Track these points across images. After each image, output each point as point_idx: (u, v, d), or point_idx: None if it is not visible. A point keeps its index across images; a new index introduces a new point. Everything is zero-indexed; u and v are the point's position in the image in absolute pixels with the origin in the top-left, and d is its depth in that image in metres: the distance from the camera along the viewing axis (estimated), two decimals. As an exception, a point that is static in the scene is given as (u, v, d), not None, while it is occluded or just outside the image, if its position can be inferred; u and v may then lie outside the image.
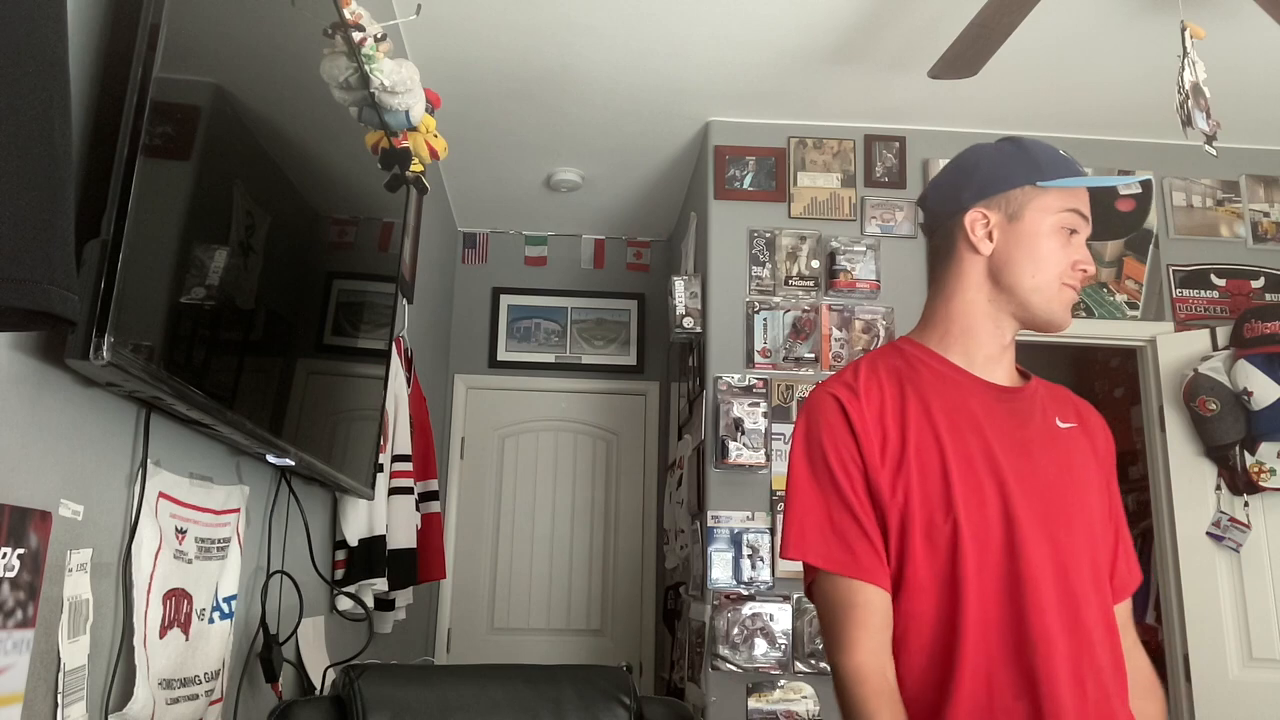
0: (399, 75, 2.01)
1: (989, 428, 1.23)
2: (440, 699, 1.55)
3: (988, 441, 1.21)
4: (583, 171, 4.03)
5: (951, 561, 1.16)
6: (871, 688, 1.12)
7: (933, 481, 1.18)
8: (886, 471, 1.19)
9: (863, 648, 1.14)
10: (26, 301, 0.75)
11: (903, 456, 1.19)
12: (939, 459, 1.19)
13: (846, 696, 1.14)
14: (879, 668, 1.14)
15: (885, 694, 1.13)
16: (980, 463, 1.20)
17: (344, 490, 2.21)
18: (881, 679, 1.13)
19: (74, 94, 0.88)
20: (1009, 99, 3.32)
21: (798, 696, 2.99)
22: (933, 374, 1.27)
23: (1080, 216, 1.28)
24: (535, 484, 4.52)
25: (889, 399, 1.23)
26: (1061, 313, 1.28)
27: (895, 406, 1.22)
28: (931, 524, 1.17)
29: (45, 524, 1.01)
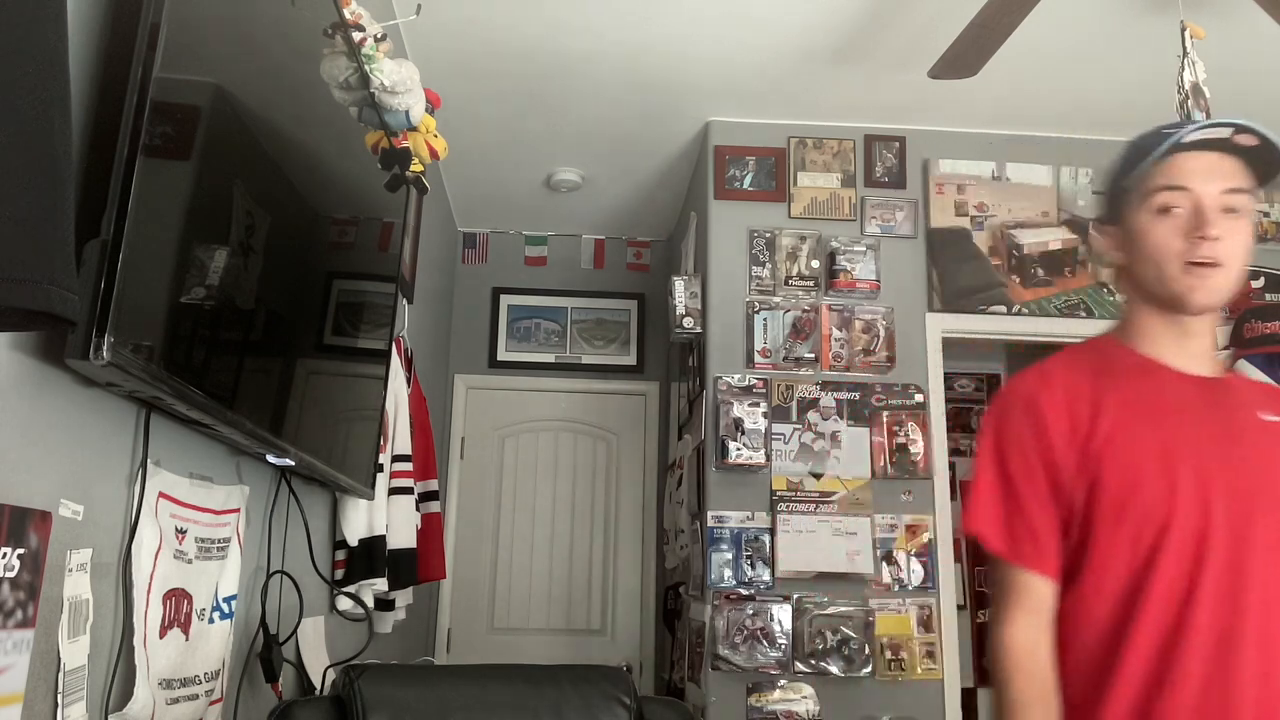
0: (399, 75, 2.01)
1: (1186, 418, 1.22)
2: (440, 699, 1.55)
3: (1184, 431, 1.21)
4: (583, 171, 4.03)
5: (1139, 547, 1.16)
6: (1015, 661, 1.20)
7: (1124, 469, 1.20)
8: (1073, 460, 1.21)
9: (1016, 625, 1.22)
10: (26, 301, 0.75)
11: (1092, 445, 1.21)
12: (1132, 448, 1.20)
13: (996, 667, 1.22)
14: (1029, 645, 1.21)
15: (1030, 670, 1.20)
16: (1175, 452, 1.19)
17: (344, 490, 2.21)
18: (1029, 656, 1.20)
19: (74, 94, 0.88)
20: (1009, 99, 3.32)
21: (798, 696, 2.99)
22: (1128, 367, 1.28)
23: (1173, 190, 1.22)
24: (535, 484, 4.52)
25: (1083, 390, 1.25)
26: (1193, 295, 1.23)
27: (1089, 397, 1.24)
28: (1121, 510, 1.18)
29: (45, 524, 1.01)
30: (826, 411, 3.25)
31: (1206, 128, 1.22)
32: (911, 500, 3.20)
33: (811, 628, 3.03)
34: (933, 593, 3.13)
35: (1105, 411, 1.22)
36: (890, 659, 3.05)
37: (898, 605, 3.10)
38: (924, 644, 3.08)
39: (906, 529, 3.16)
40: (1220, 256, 1.21)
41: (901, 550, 3.14)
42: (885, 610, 3.08)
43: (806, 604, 3.05)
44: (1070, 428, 1.22)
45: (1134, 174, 1.26)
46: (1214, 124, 1.22)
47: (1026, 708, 1.19)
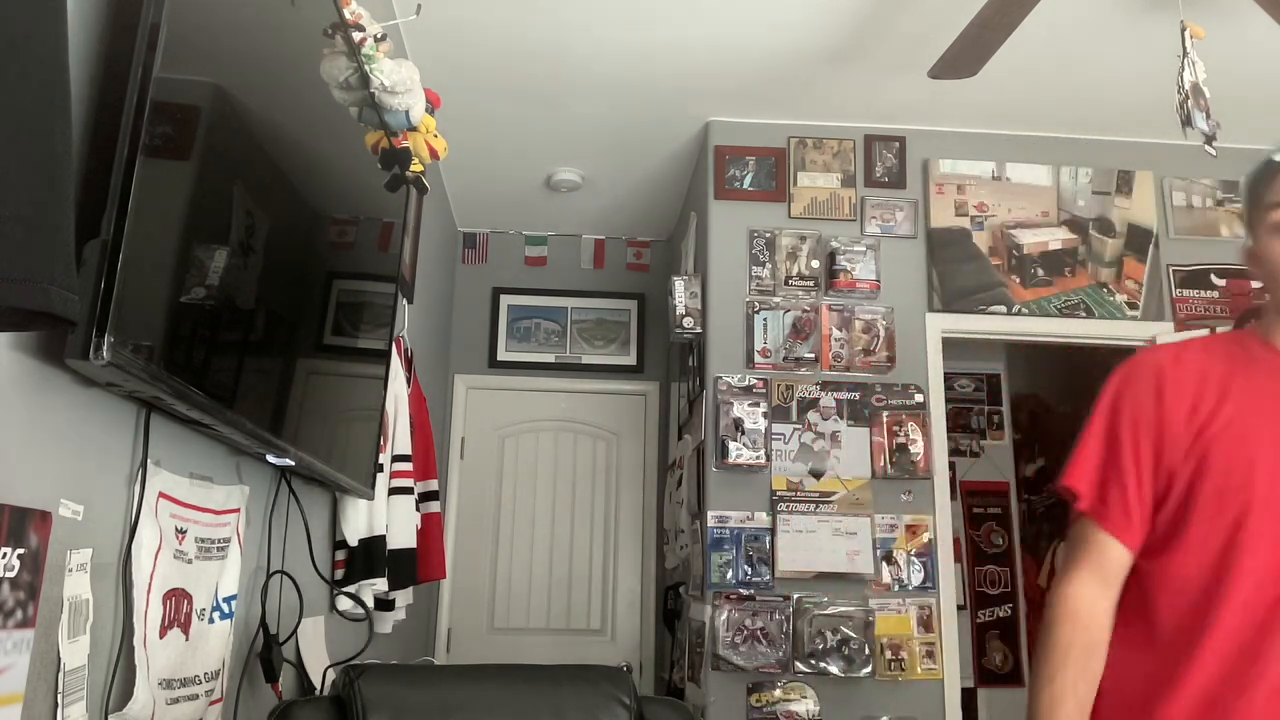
0: (399, 75, 2.01)
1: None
2: (440, 699, 1.55)
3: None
4: (583, 171, 4.03)
5: (1235, 536, 1.17)
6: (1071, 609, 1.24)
7: (1235, 459, 1.20)
8: (1187, 440, 1.22)
9: (1082, 580, 1.25)
10: (26, 301, 0.75)
11: (1209, 430, 1.22)
12: (1247, 440, 1.21)
13: (1049, 614, 1.26)
14: (1089, 598, 1.24)
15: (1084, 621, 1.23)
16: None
17: (344, 490, 2.21)
18: (1087, 608, 1.23)
19: (74, 94, 0.88)
20: (1009, 99, 3.32)
21: (798, 696, 2.99)
22: (1263, 363, 1.29)
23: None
24: (535, 484, 4.52)
25: (1213, 375, 1.26)
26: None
27: (1217, 383, 1.25)
28: (1223, 498, 1.19)
29: (45, 524, 1.01)
30: (826, 411, 3.25)
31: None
32: (911, 500, 3.20)
33: (811, 628, 3.03)
34: (933, 593, 3.13)
35: (1229, 399, 1.23)
36: (890, 659, 3.05)
37: (898, 605, 3.10)
38: (924, 644, 3.08)
39: (906, 529, 3.16)
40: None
41: (901, 550, 3.14)
42: (885, 610, 3.09)
43: (806, 604, 3.05)
44: (1191, 408, 1.24)
45: (1253, 194, 1.30)
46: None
47: (1068, 651, 1.22)
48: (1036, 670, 1.26)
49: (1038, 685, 1.24)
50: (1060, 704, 1.21)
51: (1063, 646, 1.23)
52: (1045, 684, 1.23)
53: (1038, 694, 1.24)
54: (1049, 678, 1.23)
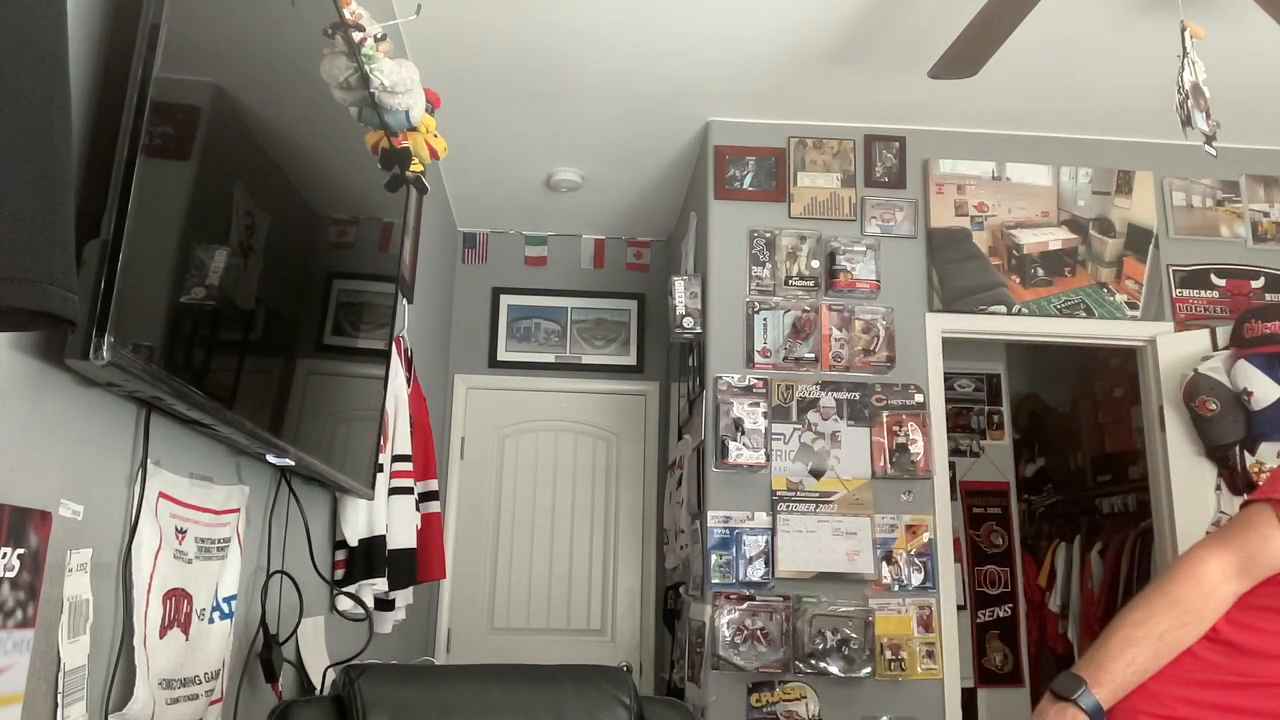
0: (399, 75, 2.01)
1: None
2: (440, 699, 1.55)
3: None
4: (583, 171, 4.03)
5: None
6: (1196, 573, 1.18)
7: None
8: None
9: (1222, 555, 1.19)
10: (26, 301, 0.75)
11: None
12: None
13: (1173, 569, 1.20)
14: (1219, 573, 1.18)
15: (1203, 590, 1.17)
16: None
17: (344, 490, 2.21)
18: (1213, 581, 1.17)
19: (74, 94, 0.88)
20: (1009, 99, 3.32)
21: (798, 696, 2.99)
22: None
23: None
24: (535, 484, 4.52)
25: None
26: None
27: None
28: None
29: (45, 524, 1.01)
30: (826, 411, 3.25)
31: None
32: (911, 500, 3.20)
33: (811, 628, 3.03)
34: (933, 593, 3.13)
35: None
36: (890, 659, 3.05)
37: (898, 605, 3.10)
38: (924, 644, 3.08)
39: (906, 529, 3.16)
40: None
41: (901, 550, 3.14)
42: (885, 610, 3.09)
43: (806, 604, 3.05)
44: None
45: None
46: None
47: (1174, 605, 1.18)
48: (1131, 607, 1.20)
49: (1124, 618, 1.19)
50: (1139, 642, 1.17)
51: (1172, 599, 1.18)
52: (1134, 622, 1.18)
53: (1120, 623, 1.19)
54: (1141, 619, 1.18)
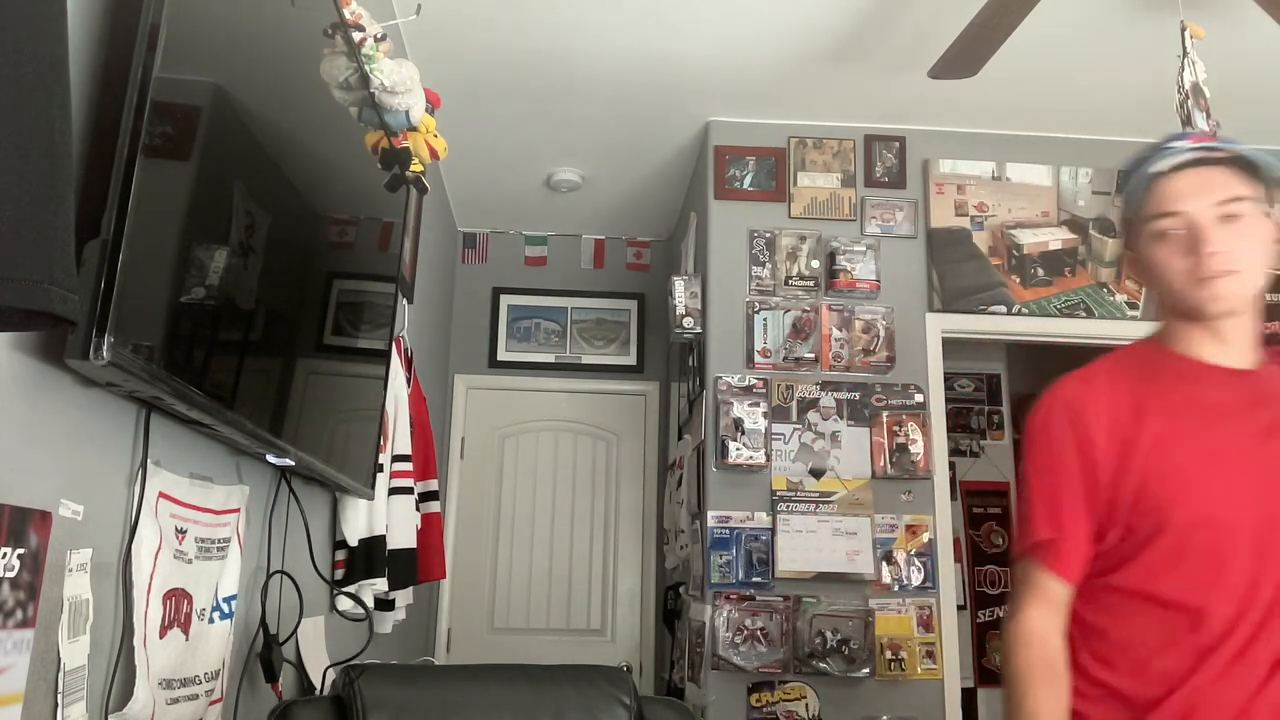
0: (399, 75, 2.01)
1: (1230, 419, 1.21)
2: (440, 699, 1.55)
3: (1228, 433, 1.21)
4: (583, 171, 4.03)
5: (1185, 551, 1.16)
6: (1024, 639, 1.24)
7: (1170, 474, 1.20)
8: (1114, 461, 1.22)
9: (1031, 613, 1.25)
10: (26, 301, 0.75)
11: (1136, 448, 1.21)
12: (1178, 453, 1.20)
13: (1006, 648, 1.27)
14: (1040, 629, 1.23)
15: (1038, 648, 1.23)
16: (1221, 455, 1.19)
17: (344, 490, 2.21)
18: (1039, 637, 1.23)
19: (74, 94, 0.88)
20: (1009, 99, 3.32)
21: (798, 696, 2.99)
22: (1171, 370, 1.28)
23: (1165, 216, 1.25)
24: (535, 484, 4.52)
25: (1124, 392, 1.26)
26: (1212, 303, 1.23)
27: (1130, 400, 1.24)
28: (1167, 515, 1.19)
29: (45, 524, 1.01)
30: (826, 411, 3.25)
31: (1170, 154, 1.26)
32: (911, 500, 3.20)
33: (811, 628, 3.03)
34: (932, 593, 3.13)
35: (1149, 415, 1.23)
36: (890, 659, 3.05)
37: (898, 605, 3.10)
38: (924, 644, 3.08)
39: (906, 529, 3.16)
40: (1228, 264, 1.20)
41: (901, 550, 3.14)
42: (885, 610, 3.08)
43: (806, 604, 3.05)
44: (1110, 427, 1.23)
45: (1132, 205, 1.31)
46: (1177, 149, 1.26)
47: (1031, 671, 1.22)
48: (1008, 700, 1.25)
49: (1010, 710, 1.24)
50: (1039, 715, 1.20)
51: (1025, 668, 1.23)
52: (1018, 706, 1.22)
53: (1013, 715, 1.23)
54: (1019, 700, 1.22)
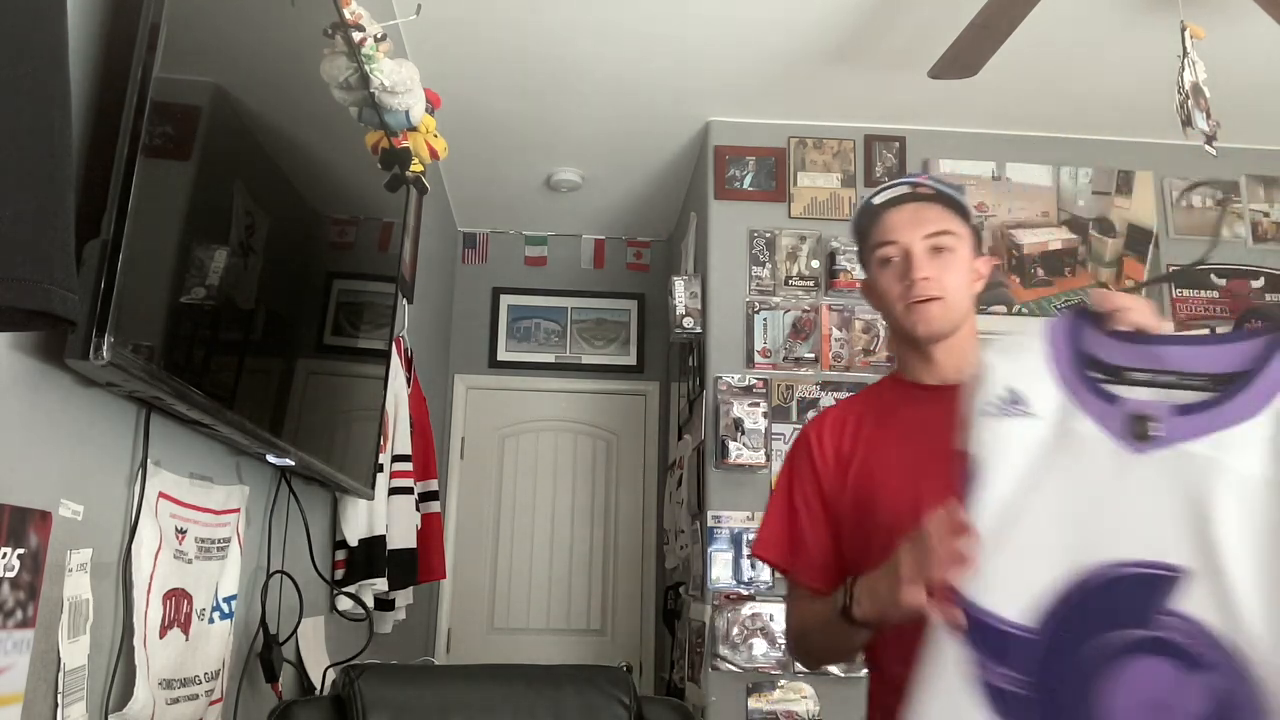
0: (399, 75, 2.01)
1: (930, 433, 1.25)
2: (440, 699, 1.55)
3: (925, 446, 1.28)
4: (583, 171, 4.03)
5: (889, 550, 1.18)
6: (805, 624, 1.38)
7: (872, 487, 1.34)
8: (837, 483, 1.38)
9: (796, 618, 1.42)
10: (26, 301, 0.75)
11: (851, 468, 1.37)
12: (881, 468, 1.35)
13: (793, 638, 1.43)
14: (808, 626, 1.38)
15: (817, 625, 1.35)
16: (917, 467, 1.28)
17: (344, 490, 2.21)
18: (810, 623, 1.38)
19: (74, 94, 0.88)
20: (1009, 99, 3.32)
21: (798, 696, 2.99)
22: (891, 396, 1.43)
23: (886, 244, 1.36)
24: (535, 484, 4.52)
25: (848, 422, 1.42)
26: (917, 328, 1.36)
27: (852, 428, 1.40)
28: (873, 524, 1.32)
29: (45, 524, 1.01)
30: (826, 411, 3.25)
31: (889, 188, 1.39)
32: (911, 500, 3.20)
33: (811, 628, 3.03)
34: (933, 593, 3.12)
35: (862, 439, 1.38)
36: (890, 659, 3.04)
37: (898, 605, 3.10)
38: (924, 644, 3.07)
39: (906, 529, 3.16)
40: (932, 291, 1.33)
41: (901, 550, 3.14)
42: (885, 610, 3.08)
43: (806, 604, 3.04)
44: (835, 455, 1.39)
45: (860, 236, 1.42)
46: (894, 184, 1.39)
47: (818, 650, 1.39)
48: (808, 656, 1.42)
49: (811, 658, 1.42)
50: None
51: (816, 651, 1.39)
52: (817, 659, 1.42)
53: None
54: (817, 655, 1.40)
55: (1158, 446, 0.99)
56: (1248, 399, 0.99)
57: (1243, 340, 1.05)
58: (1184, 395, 1.01)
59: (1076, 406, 1.05)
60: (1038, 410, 1.07)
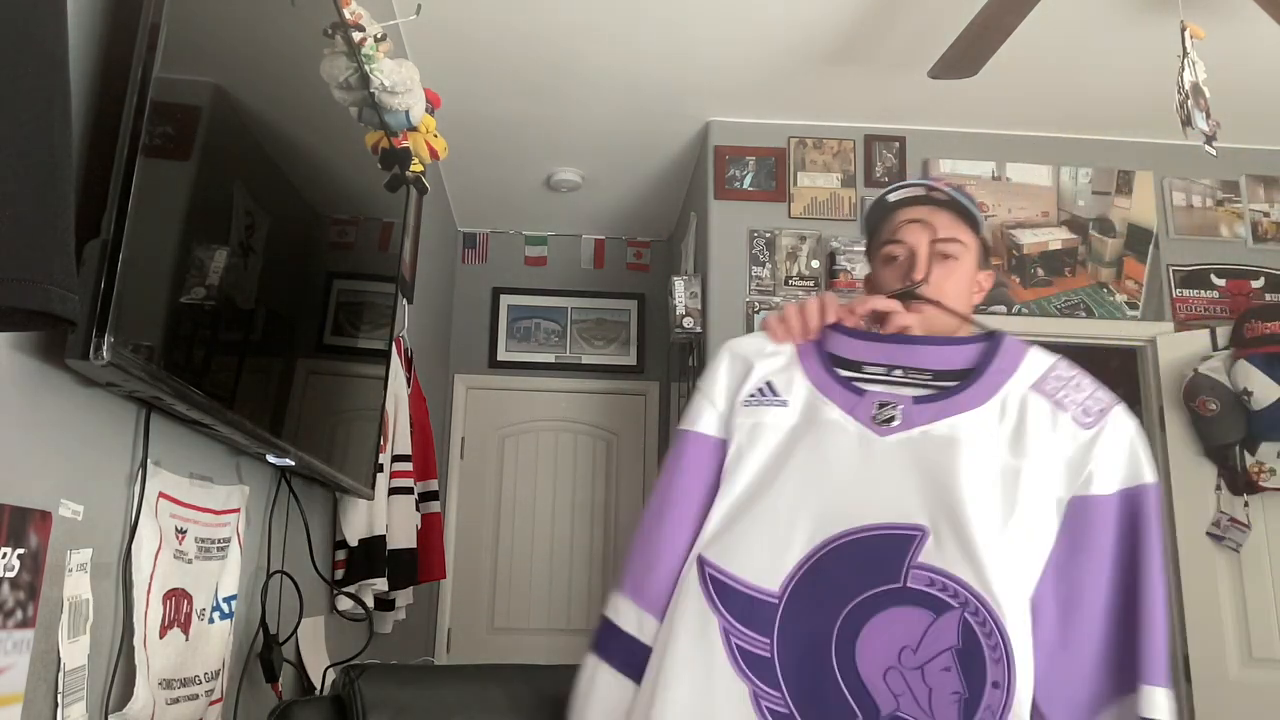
0: (399, 75, 2.01)
1: None
2: (440, 699, 1.55)
3: None
4: (583, 171, 4.03)
5: None
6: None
7: None
8: None
9: None
10: (26, 301, 0.75)
11: None
12: None
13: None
14: None
15: None
16: None
17: (344, 490, 2.21)
18: None
19: (74, 94, 0.88)
20: (1009, 99, 3.32)
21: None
22: None
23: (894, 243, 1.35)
24: (535, 484, 4.52)
25: None
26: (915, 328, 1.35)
27: None
28: None
29: (45, 524, 1.01)
30: (826, 411, 3.24)
31: (903, 188, 1.39)
32: (911, 500, 3.20)
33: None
34: (932, 593, 3.12)
35: None
36: (890, 659, 3.04)
37: (898, 605, 3.09)
38: (924, 644, 3.07)
39: (906, 529, 3.16)
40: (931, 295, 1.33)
41: (901, 550, 3.14)
42: (885, 610, 3.08)
43: (806, 604, 3.04)
44: None
45: (870, 230, 1.44)
46: (910, 184, 1.39)
47: None
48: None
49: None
50: None
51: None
52: None
53: None
54: None
55: (901, 429, 1.15)
56: (975, 392, 1.17)
57: (966, 344, 1.23)
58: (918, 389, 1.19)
59: (825, 398, 1.21)
60: (790, 400, 1.22)
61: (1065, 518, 1.10)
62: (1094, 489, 1.10)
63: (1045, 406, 1.15)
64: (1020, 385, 1.17)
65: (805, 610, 1.09)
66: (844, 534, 1.11)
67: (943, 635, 1.05)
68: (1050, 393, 1.16)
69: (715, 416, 1.26)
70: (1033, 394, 1.16)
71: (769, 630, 1.09)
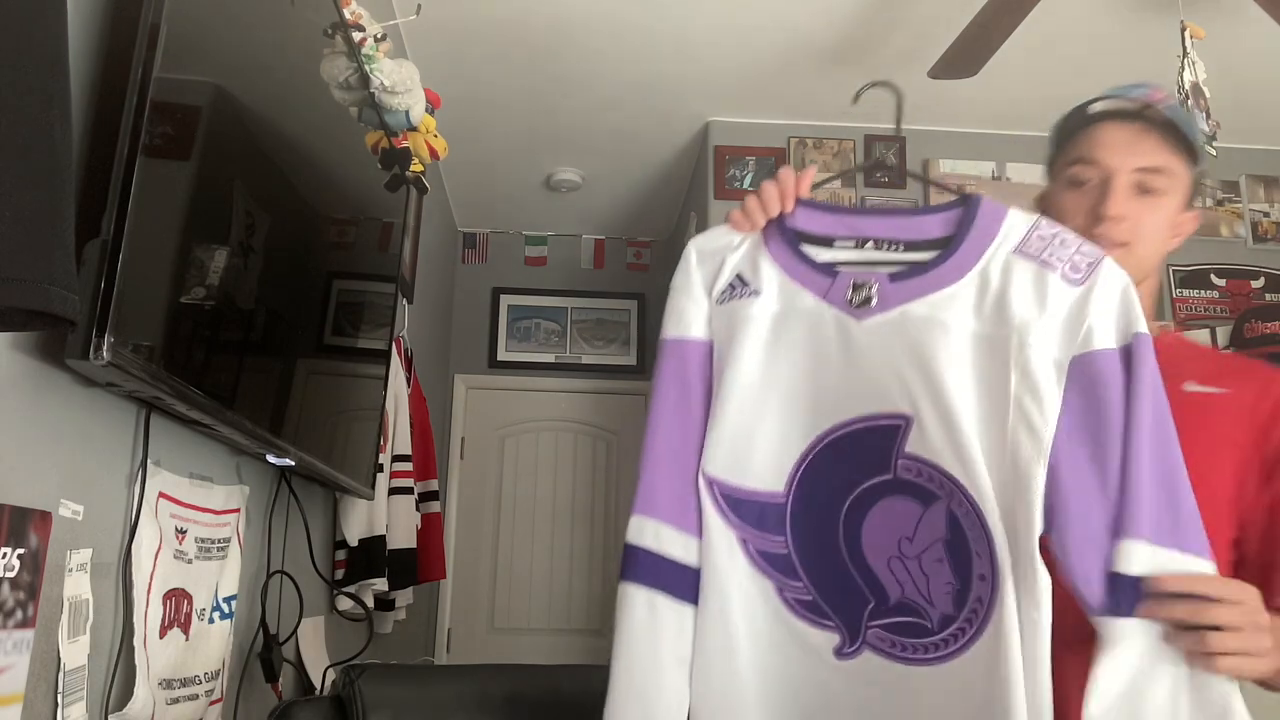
0: (399, 75, 2.01)
1: None
2: (440, 699, 1.55)
3: None
4: (583, 171, 4.03)
5: None
6: None
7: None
8: None
9: None
10: (26, 301, 0.75)
11: None
12: None
13: None
14: None
15: None
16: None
17: (344, 490, 2.21)
18: None
19: (74, 94, 0.88)
20: (1009, 99, 3.31)
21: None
22: None
23: (1084, 163, 1.19)
24: (535, 484, 4.52)
25: None
26: None
27: None
28: None
29: (45, 524, 1.01)
30: (826, 411, 3.24)
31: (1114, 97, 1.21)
32: (911, 500, 3.20)
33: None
34: (933, 593, 3.12)
35: None
36: (890, 659, 3.04)
37: (898, 605, 3.09)
38: (924, 644, 3.07)
39: (906, 529, 3.16)
40: (1124, 235, 1.15)
41: (901, 550, 3.14)
42: (885, 610, 3.08)
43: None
44: None
45: (1059, 142, 1.27)
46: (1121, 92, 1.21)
47: None
48: None
49: None
50: None
51: None
52: None
53: None
54: None
55: (879, 311, 1.08)
56: (954, 264, 1.08)
57: (940, 211, 1.12)
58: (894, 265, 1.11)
59: (797, 284, 1.13)
60: (762, 289, 1.15)
61: (1070, 378, 1.02)
62: (1095, 344, 1.02)
63: (1031, 269, 1.05)
64: (1002, 251, 1.07)
65: (811, 506, 1.09)
66: (835, 428, 1.09)
67: (933, 526, 1.04)
68: (1035, 254, 1.06)
69: (702, 317, 1.19)
70: (1017, 258, 1.06)
71: (782, 529, 1.10)
